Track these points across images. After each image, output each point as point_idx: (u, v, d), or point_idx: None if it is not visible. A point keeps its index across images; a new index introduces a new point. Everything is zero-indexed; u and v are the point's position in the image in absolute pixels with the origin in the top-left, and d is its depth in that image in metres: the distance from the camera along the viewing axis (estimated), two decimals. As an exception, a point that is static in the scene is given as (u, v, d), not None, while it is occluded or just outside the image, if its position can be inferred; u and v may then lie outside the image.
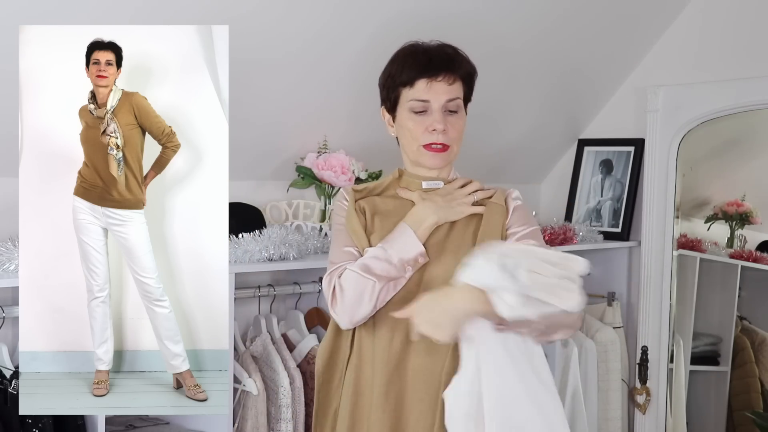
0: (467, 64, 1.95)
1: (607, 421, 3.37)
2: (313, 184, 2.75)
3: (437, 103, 1.89)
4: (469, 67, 1.96)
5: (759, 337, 3.48)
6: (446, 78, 1.89)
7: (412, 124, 1.91)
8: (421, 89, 1.89)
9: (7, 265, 2.03)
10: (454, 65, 1.91)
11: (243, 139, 2.63)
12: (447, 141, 1.90)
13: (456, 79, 1.91)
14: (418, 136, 1.91)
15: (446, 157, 1.93)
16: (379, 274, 1.81)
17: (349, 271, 1.82)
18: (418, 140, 1.91)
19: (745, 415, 3.41)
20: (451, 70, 1.90)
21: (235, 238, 2.38)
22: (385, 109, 1.99)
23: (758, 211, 3.42)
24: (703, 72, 3.32)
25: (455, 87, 1.91)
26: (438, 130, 1.89)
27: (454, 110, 1.91)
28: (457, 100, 1.91)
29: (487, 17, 2.83)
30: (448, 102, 1.90)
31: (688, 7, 3.36)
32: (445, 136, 1.90)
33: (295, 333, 2.64)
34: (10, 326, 2.26)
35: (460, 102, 1.92)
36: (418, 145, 1.91)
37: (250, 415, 2.37)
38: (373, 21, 2.57)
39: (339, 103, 2.77)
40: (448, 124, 1.90)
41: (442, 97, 1.89)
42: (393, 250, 1.83)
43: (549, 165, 3.78)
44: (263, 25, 2.38)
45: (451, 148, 1.92)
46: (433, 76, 1.89)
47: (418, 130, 1.90)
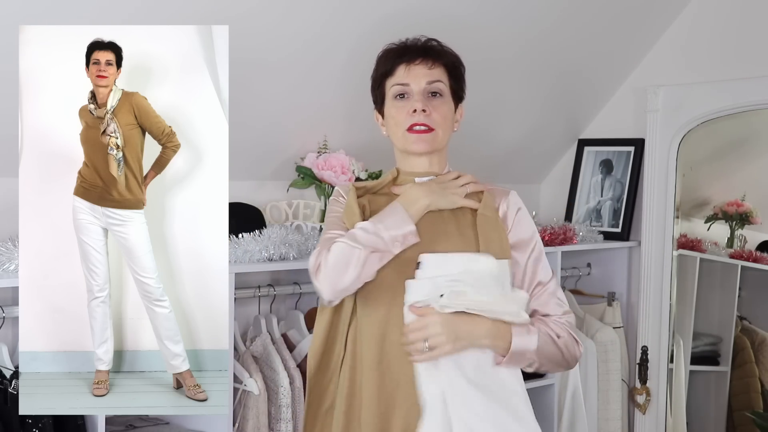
0: (449, 54, 1.94)
1: (607, 421, 3.37)
2: (313, 184, 2.75)
3: (417, 86, 1.87)
4: (452, 57, 1.94)
5: (759, 337, 3.47)
6: (424, 62, 1.89)
7: (395, 110, 1.90)
8: (400, 74, 1.89)
9: (7, 265, 2.03)
10: (432, 51, 1.91)
11: (243, 140, 2.63)
12: (430, 123, 1.87)
13: (436, 65, 1.89)
14: (400, 121, 1.88)
15: (432, 140, 1.88)
16: (365, 244, 1.79)
17: (338, 242, 1.81)
18: (401, 125, 1.88)
19: (745, 415, 3.40)
20: (430, 56, 1.90)
21: (235, 238, 2.38)
22: (376, 111, 1.98)
23: (758, 211, 3.42)
24: (704, 72, 3.32)
25: (436, 71, 1.89)
26: (418, 109, 1.86)
27: (436, 93, 1.89)
28: (438, 83, 1.89)
29: (488, 17, 2.83)
30: (429, 84, 1.88)
31: (688, 7, 3.36)
32: (427, 118, 1.86)
33: (295, 333, 2.64)
34: (10, 326, 2.26)
35: (441, 86, 1.89)
36: (402, 130, 1.89)
37: (251, 415, 2.37)
38: (373, 21, 2.57)
39: (339, 104, 2.77)
40: (431, 107, 1.87)
41: (422, 79, 1.88)
42: (382, 224, 1.81)
43: (549, 165, 3.78)
44: (263, 26, 2.38)
45: (435, 131, 1.88)
46: (411, 60, 1.88)
47: (401, 115, 1.88)
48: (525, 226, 1.93)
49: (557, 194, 3.73)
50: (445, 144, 1.93)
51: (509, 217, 1.91)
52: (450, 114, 1.92)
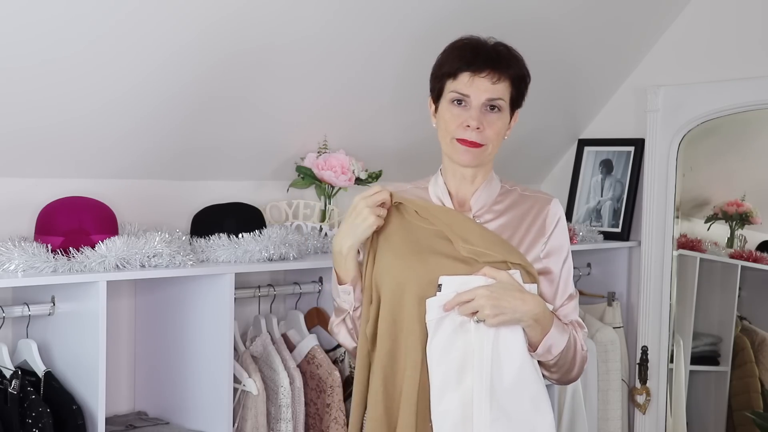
0: (518, 65, 1.89)
1: (607, 421, 3.37)
2: (313, 184, 2.76)
3: (477, 100, 1.83)
4: (519, 68, 1.89)
5: (759, 337, 3.47)
6: (490, 75, 1.84)
7: (449, 116, 1.86)
8: (463, 82, 1.85)
9: (7, 265, 2.03)
10: (501, 64, 1.85)
11: (243, 140, 2.63)
12: (481, 140, 1.84)
13: (501, 79, 1.84)
14: (452, 129, 1.86)
15: (479, 155, 1.86)
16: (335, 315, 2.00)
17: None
18: (452, 133, 1.86)
19: (745, 415, 3.40)
20: (497, 69, 1.84)
21: (235, 238, 2.38)
22: (431, 98, 1.95)
23: (758, 211, 3.41)
24: (703, 72, 3.32)
25: (499, 87, 1.84)
26: (472, 126, 1.83)
27: (495, 108, 1.85)
28: (499, 100, 1.85)
29: (488, 17, 2.83)
30: (489, 100, 1.84)
31: (688, 7, 3.36)
32: (479, 135, 1.84)
33: (295, 333, 2.64)
34: (10, 326, 2.26)
35: (502, 103, 1.85)
36: (451, 137, 1.86)
37: (249, 415, 2.37)
38: (374, 21, 2.57)
39: (339, 103, 2.77)
40: (486, 123, 1.84)
41: (483, 94, 1.83)
42: (333, 291, 1.96)
43: (549, 165, 3.78)
44: (264, 25, 2.38)
45: (485, 147, 1.86)
46: (476, 71, 1.84)
47: (454, 123, 1.85)
48: (562, 237, 1.92)
49: (557, 194, 3.65)
50: (492, 156, 1.92)
51: (548, 225, 1.91)
52: (504, 128, 1.89)
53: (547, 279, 1.89)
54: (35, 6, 1.96)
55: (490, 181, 1.97)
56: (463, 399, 1.74)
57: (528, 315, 1.75)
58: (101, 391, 2.10)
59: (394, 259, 1.85)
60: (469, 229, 1.84)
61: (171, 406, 2.45)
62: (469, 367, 1.75)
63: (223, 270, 2.31)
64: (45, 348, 2.21)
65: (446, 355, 1.75)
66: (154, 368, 2.51)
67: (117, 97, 2.28)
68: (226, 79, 2.44)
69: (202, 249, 2.38)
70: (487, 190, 1.95)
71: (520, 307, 1.75)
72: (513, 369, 1.76)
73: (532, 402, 1.77)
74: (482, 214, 1.92)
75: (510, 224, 1.91)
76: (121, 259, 2.13)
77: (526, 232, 1.90)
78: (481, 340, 1.75)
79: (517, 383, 1.76)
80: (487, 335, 1.75)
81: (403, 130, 2.98)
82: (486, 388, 1.74)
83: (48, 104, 2.19)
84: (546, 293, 1.88)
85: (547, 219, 1.91)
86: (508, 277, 1.78)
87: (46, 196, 2.28)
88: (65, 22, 2.03)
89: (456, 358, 1.75)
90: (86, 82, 2.19)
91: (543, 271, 1.89)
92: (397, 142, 3.00)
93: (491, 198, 1.95)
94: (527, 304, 1.76)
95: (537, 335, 1.78)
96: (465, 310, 1.75)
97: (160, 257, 2.20)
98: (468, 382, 1.75)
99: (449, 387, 1.75)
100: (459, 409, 1.74)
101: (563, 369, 1.87)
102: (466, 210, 1.93)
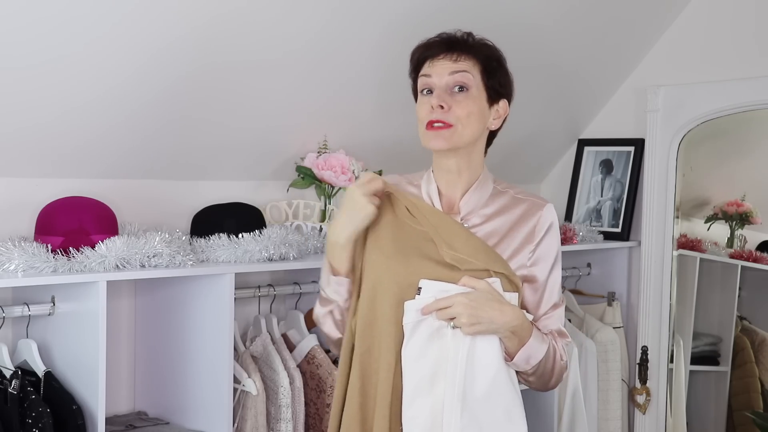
0: (481, 47, 1.84)
1: (607, 421, 3.37)
2: (313, 184, 2.76)
3: (440, 80, 1.80)
4: (484, 49, 1.84)
5: (759, 337, 3.47)
6: (449, 55, 1.80)
7: (418, 107, 1.84)
8: (426, 69, 1.83)
9: (7, 265, 2.03)
10: (459, 44, 1.82)
11: (243, 140, 2.64)
12: (446, 119, 1.77)
13: (462, 57, 1.80)
14: (422, 117, 1.81)
15: (449, 137, 1.78)
16: (320, 305, 1.92)
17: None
18: (422, 122, 1.81)
19: (745, 415, 3.40)
20: (455, 49, 1.81)
21: (235, 238, 2.38)
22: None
23: (758, 211, 3.41)
24: (703, 72, 3.32)
25: (461, 64, 1.79)
26: (435, 106, 1.77)
27: (463, 88, 1.79)
28: (462, 74, 1.79)
29: (488, 17, 2.83)
30: (452, 75, 1.79)
31: (689, 7, 3.36)
32: (444, 114, 1.77)
33: (295, 333, 2.64)
34: (10, 326, 2.26)
35: (467, 78, 1.79)
36: (422, 128, 1.81)
37: (249, 415, 2.37)
38: (373, 22, 2.58)
39: (339, 103, 2.77)
40: (453, 102, 1.78)
41: (444, 72, 1.79)
42: (323, 281, 1.89)
43: (549, 165, 3.78)
44: (264, 25, 2.38)
45: (454, 127, 1.78)
46: (435, 55, 1.82)
47: (423, 111, 1.81)
48: (551, 245, 1.86)
49: (557, 194, 3.73)
50: (471, 142, 1.83)
51: (538, 232, 1.85)
52: (477, 110, 1.81)
53: (532, 287, 1.84)
54: (35, 6, 1.96)
55: (482, 182, 1.90)
56: (434, 405, 1.72)
57: (505, 327, 1.73)
58: (101, 391, 2.10)
59: (378, 256, 1.81)
60: (455, 233, 1.80)
61: (171, 406, 2.46)
62: (442, 374, 1.72)
63: (223, 270, 2.31)
64: (45, 348, 2.21)
65: (420, 359, 1.73)
66: (154, 368, 2.51)
67: (117, 97, 2.28)
68: (226, 79, 2.44)
69: (202, 249, 2.38)
70: (477, 192, 1.88)
71: (497, 318, 1.71)
72: (487, 377, 1.73)
73: (505, 412, 1.75)
74: (470, 217, 1.86)
75: (498, 230, 1.85)
76: (121, 259, 2.13)
77: (514, 238, 1.84)
78: (457, 347, 1.72)
79: (491, 392, 1.73)
80: (463, 342, 1.72)
81: (403, 130, 2.97)
82: (458, 395, 1.71)
83: (48, 104, 2.19)
84: (529, 301, 1.84)
85: (537, 226, 1.85)
86: (488, 286, 1.74)
87: (46, 196, 2.28)
88: (64, 22, 2.03)
89: (430, 363, 1.73)
90: (86, 82, 2.20)
91: (528, 278, 1.84)
92: (397, 141, 3.00)
93: (481, 201, 1.88)
94: (505, 316, 1.72)
95: (514, 346, 1.75)
96: (442, 315, 1.72)
97: (160, 257, 2.20)
98: (440, 389, 1.72)
99: (421, 392, 1.72)
100: (429, 415, 1.72)
101: (542, 379, 1.83)
102: (454, 212, 1.88)
